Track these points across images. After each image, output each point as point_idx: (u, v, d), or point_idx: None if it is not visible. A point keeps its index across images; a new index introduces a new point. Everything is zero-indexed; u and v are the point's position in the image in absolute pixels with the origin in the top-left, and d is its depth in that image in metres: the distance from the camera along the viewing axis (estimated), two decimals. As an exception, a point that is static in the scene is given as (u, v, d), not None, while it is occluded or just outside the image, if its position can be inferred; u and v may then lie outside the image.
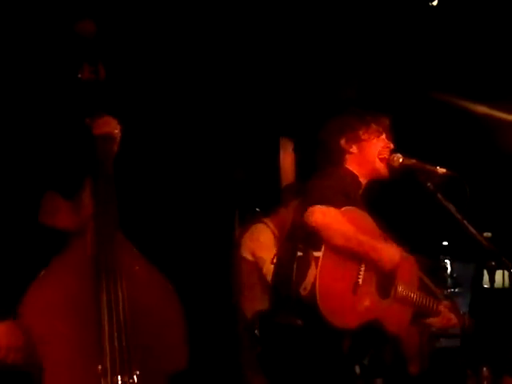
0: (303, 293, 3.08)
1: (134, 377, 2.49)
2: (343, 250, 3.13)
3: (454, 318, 3.56)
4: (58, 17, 3.69)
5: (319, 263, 3.08)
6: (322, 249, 3.11)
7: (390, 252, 3.22)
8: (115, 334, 2.48)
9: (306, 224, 3.16)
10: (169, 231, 5.11)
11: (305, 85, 5.78)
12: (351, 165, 3.47)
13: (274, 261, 3.51)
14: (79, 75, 2.83)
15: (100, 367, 2.46)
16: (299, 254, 3.16)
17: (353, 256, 3.16)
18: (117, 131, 2.79)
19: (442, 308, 3.50)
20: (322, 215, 3.14)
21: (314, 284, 3.06)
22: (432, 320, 3.55)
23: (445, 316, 3.53)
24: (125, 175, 2.84)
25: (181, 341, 2.65)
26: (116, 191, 2.71)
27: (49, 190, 2.80)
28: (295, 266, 3.14)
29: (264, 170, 6.17)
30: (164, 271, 2.73)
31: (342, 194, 3.25)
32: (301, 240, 3.21)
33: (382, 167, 3.45)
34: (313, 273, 3.08)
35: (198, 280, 5.02)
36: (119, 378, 2.46)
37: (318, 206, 3.15)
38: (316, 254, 3.11)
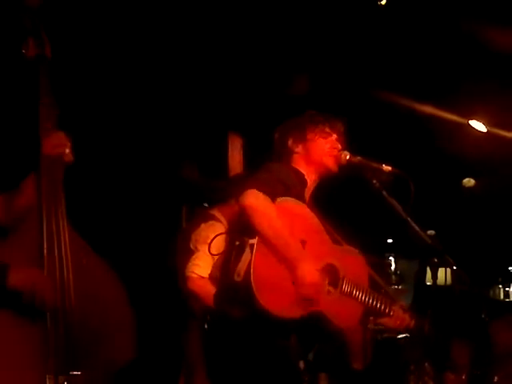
0: (237, 279, 3.06)
1: (79, 372, 2.46)
2: (265, 239, 3.09)
3: (407, 320, 3.54)
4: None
5: (254, 249, 3.05)
6: (257, 236, 3.09)
7: (306, 270, 3.12)
8: (60, 326, 2.44)
9: (238, 205, 3.16)
10: (117, 226, 5.08)
11: (253, 81, 5.79)
12: (298, 164, 3.48)
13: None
14: (23, 51, 2.70)
15: (45, 364, 2.43)
16: (237, 242, 3.15)
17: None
18: (68, 151, 2.68)
19: (394, 309, 3.49)
20: (254, 198, 3.12)
21: (247, 270, 3.01)
22: (384, 320, 3.53)
23: (398, 317, 3.51)
24: (72, 169, 2.80)
25: (128, 333, 2.63)
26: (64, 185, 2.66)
27: None
28: (233, 255, 3.13)
29: (212, 166, 6.16)
30: (111, 265, 2.71)
31: (281, 184, 3.24)
32: (238, 227, 3.21)
33: (329, 161, 3.47)
34: (247, 259, 3.04)
35: (145, 274, 5.00)
36: (63, 373, 2.43)
37: (254, 189, 3.15)
38: (251, 241, 3.08)
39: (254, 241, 3.08)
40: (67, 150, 2.66)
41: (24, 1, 2.65)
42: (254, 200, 3.12)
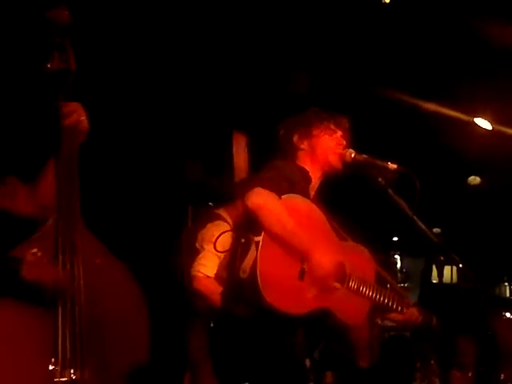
0: (243, 276, 3.06)
1: (87, 371, 2.45)
2: (275, 236, 3.09)
3: (415, 315, 3.55)
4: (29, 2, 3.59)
5: (259, 247, 3.06)
6: (262, 233, 3.10)
7: (322, 258, 3.16)
8: (69, 324, 2.45)
9: (245, 205, 3.15)
10: (122, 226, 5.08)
11: (257, 80, 5.79)
12: (303, 161, 3.48)
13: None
14: (48, 65, 2.75)
15: (53, 360, 2.43)
16: (242, 240, 3.15)
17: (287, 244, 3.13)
18: (83, 118, 2.74)
19: (402, 304, 3.49)
20: (260, 197, 3.12)
21: (253, 267, 3.02)
22: (392, 315, 3.54)
23: (406, 312, 3.52)
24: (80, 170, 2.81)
25: (143, 336, 2.63)
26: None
27: (9, 172, 2.75)
28: (238, 252, 3.13)
29: (217, 165, 6.16)
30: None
31: (286, 181, 3.24)
32: (243, 226, 3.21)
33: (334, 159, 3.47)
34: (252, 256, 3.04)
35: (150, 273, 5.00)
36: (71, 371, 2.43)
37: (259, 188, 3.15)
38: (256, 238, 3.08)
39: (260, 238, 3.08)
40: (83, 118, 2.71)
41: (54, 20, 2.69)
42: (260, 198, 3.12)
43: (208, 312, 4.11)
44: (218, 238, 3.49)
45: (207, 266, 4.18)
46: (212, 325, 3.76)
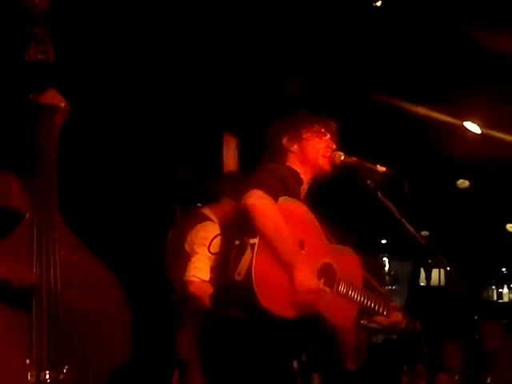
0: (238, 278, 3.05)
1: (64, 371, 2.43)
2: (267, 240, 3.07)
3: (399, 319, 3.58)
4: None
5: (255, 249, 3.04)
6: (258, 236, 3.10)
7: (304, 275, 3.12)
8: (44, 324, 2.42)
9: (241, 206, 3.15)
10: (110, 226, 5.07)
11: (248, 82, 5.80)
12: (293, 163, 3.48)
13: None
14: (25, 56, 2.71)
15: (28, 361, 2.40)
16: (236, 242, 3.14)
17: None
18: (63, 104, 2.70)
19: (388, 308, 3.51)
20: (259, 199, 3.10)
21: (248, 269, 3.01)
22: (378, 318, 3.56)
23: (391, 316, 3.55)
24: (67, 169, 2.80)
25: (123, 334, 2.61)
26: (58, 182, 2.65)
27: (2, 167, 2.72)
28: (232, 254, 3.12)
29: (207, 167, 6.16)
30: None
31: (282, 184, 3.24)
32: (238, 227, 3.20)
33: (324, 163, 3.47)
34: (248, 258, 3.03)
35: (138, 274, 5.00)
36: (47, 372, 2.41)
37: (257, 190, 3.15)
38: (252, 240, 3.07)
39: (255, 240, 3.06)
40: (62, 104, 2.68)
41: (31, 8, 2.65)
42: (259, 201, 3.10)
43: (199, 313, 4.10)
44: (212, 240, 3.47)
45: (202, 269, 4.16)
46: (203, 326, 3.75)
